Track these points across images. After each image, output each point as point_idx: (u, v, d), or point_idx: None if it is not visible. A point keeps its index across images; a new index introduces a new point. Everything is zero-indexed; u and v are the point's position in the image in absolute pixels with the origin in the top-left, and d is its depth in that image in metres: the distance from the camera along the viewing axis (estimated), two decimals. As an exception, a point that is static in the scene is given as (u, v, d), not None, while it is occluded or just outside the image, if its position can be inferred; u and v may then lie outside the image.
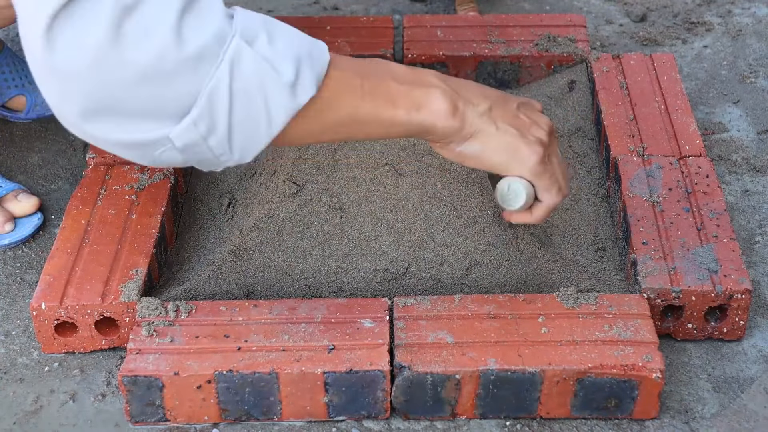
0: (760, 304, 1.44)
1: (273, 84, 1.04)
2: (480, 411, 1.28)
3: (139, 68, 0.99)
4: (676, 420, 1.29)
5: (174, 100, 1.01)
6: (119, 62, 0.98)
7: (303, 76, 1.06)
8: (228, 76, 1.02)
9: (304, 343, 1.27)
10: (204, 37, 1.00)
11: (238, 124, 1.05)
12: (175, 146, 1.05)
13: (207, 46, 1.01)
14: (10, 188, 1.58)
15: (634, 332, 1.28)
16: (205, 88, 1.01)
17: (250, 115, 1.05)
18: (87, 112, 1.02)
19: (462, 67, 1.79)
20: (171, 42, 0.99)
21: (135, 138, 1.04)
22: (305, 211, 1.42)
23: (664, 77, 1.71)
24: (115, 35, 0.97)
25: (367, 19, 1.89)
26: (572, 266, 1.43)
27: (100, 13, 0.97)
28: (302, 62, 1.06)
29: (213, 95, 1.02)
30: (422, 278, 1.40)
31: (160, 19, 0.98)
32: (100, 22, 0.97)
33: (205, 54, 1.01)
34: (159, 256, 1.44)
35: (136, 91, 1.00)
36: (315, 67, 1.08)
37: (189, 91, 1.01)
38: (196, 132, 1.03)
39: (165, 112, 1.02)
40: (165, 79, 1.00)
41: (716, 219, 1.44)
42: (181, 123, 1.02)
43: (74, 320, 1.35)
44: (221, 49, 1.01)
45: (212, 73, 1.01)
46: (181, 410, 1.27)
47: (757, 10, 2.07)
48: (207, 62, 1.01)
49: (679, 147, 1.56)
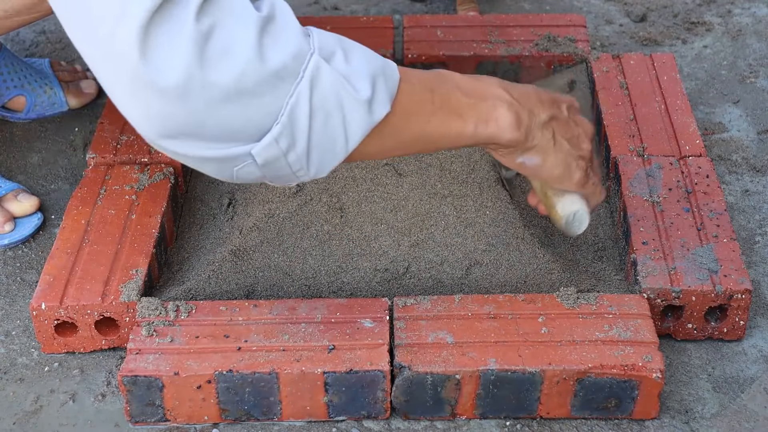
0: (760, 304, 1.44)
1: (351, 100, 1.06)
2: (480, 411, 1.28)
3: (223, 89, 1.00)
4: (676, 420, 1.29)
5: (256, 118, 1.03)
6: (204, 84, 0.99)
7: (378, 92, 1.08)
8: (308, 93, 1.03)
9: (304, 343, 1.27)
10: (284, 55, 1.02)
11: (317, 140, 1.06)
12: (256, 162, 1.06)
13: (287, 63, 1.02)
14: (10, 188, 1.58)
15: (634, 332, 1.28)
16: (287, 105, 1.03)
17: (328, 132, 1.06)
18: (169, 133, 1.03)
19: (462, 67, 1.79)
20: (253, 61, 1.00)
21: (215, 154, 1.05)
22: (305, 211, 1.42)
23: (664, 77, 1.71)
24: (200, 57, 0.98)
25: (367, 19, 1.90)
26: (572, 266, 1.43)
27: (184, 36, 0.97)
28: (377, 79, 1.08)
29: (294, 112, 1.03)
30: (422, 278, 1.40)
31: (240, 39, 1.00)
32: (186, 44, 0.97)
33: (285, 71, 1.02)
34: (159, 256, 1.44)
35: (220, 112, 1.01)
36: (388, 84, 1.09)
37: (270, 109, 1.02)
38: (277, 148, 1.04)
39: (247, 131, 1.03)
40: (247, 97, 1.01)
41: (716, 219, 1.44)
42: (263, 140, 1.04)
43: (74, 320, 1.35)
44: (301, 66, 1.03)
45: (293, 90, 1.03)
46: (181, 410, 1.27)
47: (757, 10, 2.07)
48: (288, 79, 1.02)
49: (679, 147, 1.56)
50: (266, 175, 1.08)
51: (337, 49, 1.07)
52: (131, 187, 1.51)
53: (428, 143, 1.18)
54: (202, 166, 1.07)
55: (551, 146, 1.25)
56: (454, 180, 1.45)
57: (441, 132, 1.16)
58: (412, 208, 1.42)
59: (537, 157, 1.25)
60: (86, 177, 1.54)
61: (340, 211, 1.42)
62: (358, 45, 1.10)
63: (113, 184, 1.52)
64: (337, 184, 1.43)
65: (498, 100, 1.19)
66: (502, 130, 1.19)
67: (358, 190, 1.43)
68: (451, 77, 1.19)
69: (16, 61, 1.76)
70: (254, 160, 1.05)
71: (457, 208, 1.42)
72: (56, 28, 2.00)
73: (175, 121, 1.01)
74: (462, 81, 1.19)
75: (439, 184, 1.44)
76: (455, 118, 1.16)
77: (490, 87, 1.20)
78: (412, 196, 1.43)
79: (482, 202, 1.44)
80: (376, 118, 1.08)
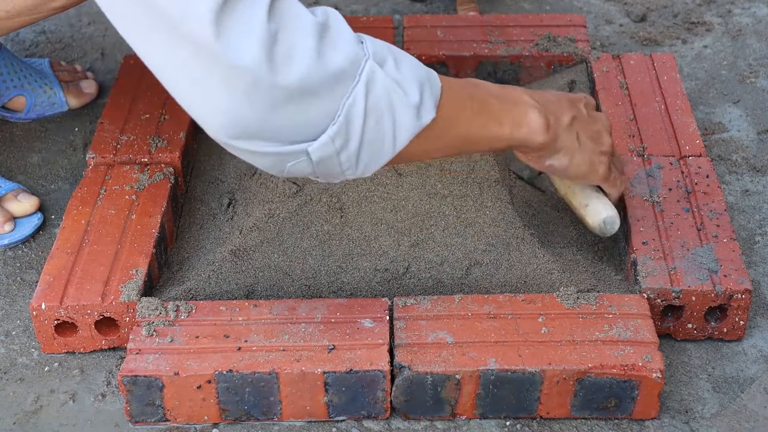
0: (760, 304, 1.44)
1: (401, 104, 1.12)
2: (480, 411, 1.28)
3: (286, 91, 1.06)
4: (676, 420, 1.29)
5: (316, 118, 1.09)
6: (270, 86, 1.05)
7: (426, 98, 1.15)
8: (364, 95, 1.10)
9: (304, 343, 1.27)
10: (342, 58, 1.08)
11: (368, 141, 1.12)
12: (311, 159, 1.12)
13: (344, 67, 1.09)
14: (10, 188, 1.58)
15: (634, 332, 1.28)
16: (344, 106, 1.09)
17: (379, 132, 1.13)
18: (233, 132, 1.08)
19: (462, 67, 1.79)
20: (314, 64, 1.06)
21: (273, 150, 1.11)
22: (305, 211, 1.42)
23: (664, 77, 1.71)
24: (269, 59, 1.04)
25: (367, 19, 1.89)
26: (572, 266, 1.43)
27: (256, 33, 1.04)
28: (424, 86, 1.15)
29: (350, 113, 1.10)
30: (422, 278, 1.40)
31: (302, 45, 1.06)
32: (257, 43, 1.04)
33: (343, 74, 1.09)
34: (159, 256, 1.44)
35: (282, 112, 1.07)
36: (434, 91, 1.16)
37: (329, 109, 1.09)
38: (332, 146, 1.11)
39: (306, 130, 1.10)
40: (308, 98, 1.07)
41: (716, 219, 1.44)
42: (320, 138, 1.10)
43: (74, 320, 1.35)
44: (357, 70, 1.10)
45: (349, 92, 1.09)
46: (181, 410, 1.27)
47: (757, 10, 2.07)
48: (345, 82, 1.09)
49: (679, 147, 1.56)
50: (316, 172, 1.14)
51: (388, 55, 1.13)
52: (131, 187, 1.51)
53: (468, 145, 1.25)
54: (256, 160, 1.12)
55: (576, 146, 1.33)
56: (454, 180, 1.45)
57: (480, 135, 1.24)
58: (412, 208, 1.42)
59: (565, 157, 1.32)
60: (86, 177, 1.54)
61: (340, 211, 1.42)
62: (405, 53, 1.17)
63: (113, 184, 1.52)
64: (337, 184, 1.43)
65: (528, 105, 1.27)
66: (534, 133, 1.27)
67: (358, 190, 1.43)
68: (484, 86, 1.26)
69: (16, 62, 1.76)
70: (309, 158, 1.11)
71: (457, 208, 1.42)
72: (56, 28, 2.00)
73: (239, 118, 1.07)
74: (494, 88, 1.27)
75: (439, 184, 1.44)
76: (494, 123, 1.24)
77: (518, 94, 1.28)
78: (412, 196, 1.43)
79: (482, 202, 1.44)
80: (424, 122, 1.15)
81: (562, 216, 1.52)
